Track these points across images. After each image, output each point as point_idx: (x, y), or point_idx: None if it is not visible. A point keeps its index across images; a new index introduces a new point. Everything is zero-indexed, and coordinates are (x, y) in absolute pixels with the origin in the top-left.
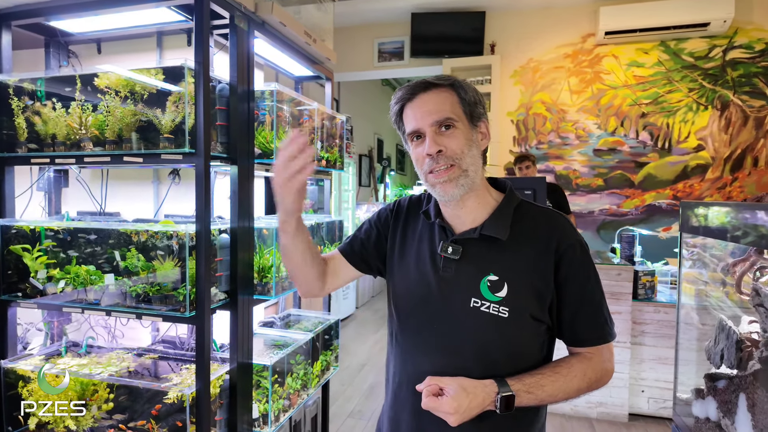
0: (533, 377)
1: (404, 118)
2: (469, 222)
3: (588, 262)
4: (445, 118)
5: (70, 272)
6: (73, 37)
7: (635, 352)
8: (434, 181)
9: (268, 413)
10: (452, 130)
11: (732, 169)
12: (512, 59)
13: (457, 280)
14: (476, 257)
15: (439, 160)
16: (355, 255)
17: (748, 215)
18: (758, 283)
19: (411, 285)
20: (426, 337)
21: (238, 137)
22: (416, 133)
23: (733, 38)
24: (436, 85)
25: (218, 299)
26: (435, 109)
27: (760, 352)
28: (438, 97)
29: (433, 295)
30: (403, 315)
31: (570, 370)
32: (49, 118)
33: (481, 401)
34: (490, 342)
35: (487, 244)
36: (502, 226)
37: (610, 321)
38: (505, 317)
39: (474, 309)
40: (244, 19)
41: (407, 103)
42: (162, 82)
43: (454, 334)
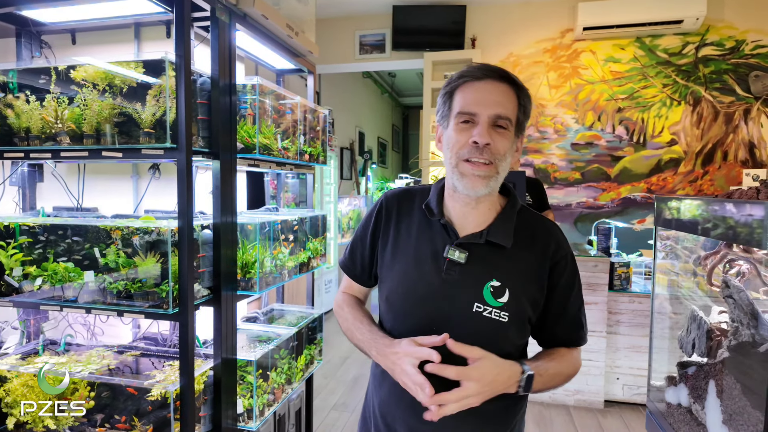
0: (537, 362)
1: (459, 95)
2: (474, 224)
3: (575, 272)
4: (506, 117)
5: (48, 269)
6: (46, 26)
7: (611, 341)
8: (469, 171)
9: (253, 408)
10: (504, 130)
11: (703, 162)
12: (493, 53)
13: (460, 284)
14: (480, 262)
15: (483, 152)
16: (367, 280)
17: (718, 209)
18: (728, 275)
19: (409, 284)
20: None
21: (220, 131)
22: (469, 115)
23: (705, 35)
24: (510, 80)
25: (201, 295)
26: (501, 102)
27: (728, 341)
28: (507, 93)
29: (434, 297)
30: (400, 314)
31: (563, 358)
32: (22, 111)
33: (506, 379)
34: (487, 345)
35: (491, 250)
36: (506, 232)
37: (584, 328)
38: (505, 322)
39: (476, 314)
40: (226, 11)
41: (473, 82)
42: (142, 75)
43: (454, 337)
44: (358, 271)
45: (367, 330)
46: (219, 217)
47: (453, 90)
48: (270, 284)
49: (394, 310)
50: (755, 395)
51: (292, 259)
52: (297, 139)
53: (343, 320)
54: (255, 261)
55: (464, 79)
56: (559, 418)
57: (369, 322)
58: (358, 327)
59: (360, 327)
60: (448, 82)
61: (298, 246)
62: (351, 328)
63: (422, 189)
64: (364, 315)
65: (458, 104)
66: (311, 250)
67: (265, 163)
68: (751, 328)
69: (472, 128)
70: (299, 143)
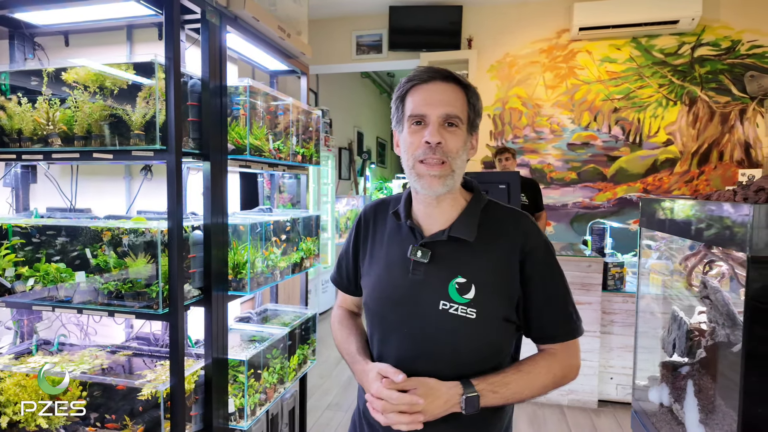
0: (497, 376)
1: (409, 98)
2: (439, 223)
3: (552, 261)
4: (455, 115)
5: (40, 270)
6: (39, 29)
7: (604, 341)
8: (424, 171)
9: (245, 407)
10: (455, 128)
11: (699, 163)
12: (489, 54)
13: (426, 283)
14: (445, 259)
15: (436, 151)
16: (354, 290)
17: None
18: (707, 276)
19: (381, 288)
20: (397, 340)
21: (210, 133)
22: (419, 117)
23: (700, 36)
24: (456, 80)
25: (192, 296)
26: (448, 101)
27: (706, 341)
28: (454, 92)
29: (403, 298)
30: (376, 318)
31: (534, 367)
32: (14, 112)
33: (444, 403)
34: (459, 343)
35: (456, 246)
36: (469, 227)
37: (576, 317)
38: (473, 318)
39: (443, 312)
40: (216, 13)
41: (421, 84)
42: (134, 76)
43: (424, 336)
44: (345, 282)
45: (349, 353)
46: (210, 218)
47: (404, 95)
48: (261, 284)
49: (372, 314)
50: (730, 395)
51: (284, 260)
52: (289, 140)
53: (335, 338)
54: (246, 261)
55: (412, 83)
56: (553, 418)
57: (354, 340)
58: (344, 347)
59: (346, 348)
60: (399, 88)
61: (291, 246)
62: (339, 346)
63: (396, 198)
64: (351, 333)
65: (409, 108)
66: (304, 251)
67: (256, 164)
68: (726, 328)
69: (424, 129)
70: (291, 144)
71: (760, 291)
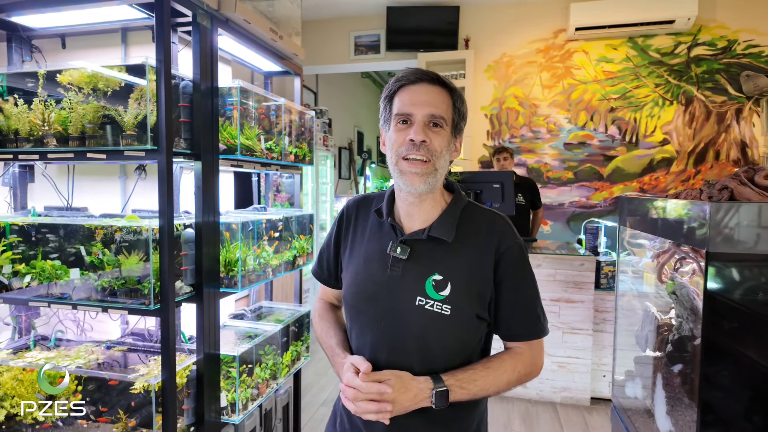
0: (466, 373)
1: (397, 98)
2: (420, 222)
3: (525, 263)
4: (440, 116)
5: (36, 267)
6: (36, 32)
7: (597, 339)
8: (407, 168)
9: (236, 402)
10: (439, 129)
11: (695, 162)
12: (486, 54)
13: (404, 279)
14: (423, 257)
15: (420, 149)
16: (335, 283)
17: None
18: (676, 273)
19: (359, 283)
20: (374, 334)
21: (201, 133)
22: (406, 116)
23: (697, 35)
24: (442, 83)
25: (183, 292)
26: (434, 102)
27: (672, 336)
28: (439, 94)
29: (381, 294)
30: (353, 312)
31: (501, 365)
32: (11, 113)
33: (414, 396)
34: (432, 338)
35: (434, 245)
36: (448, 228)
37: (543, 318)
38: (448, 315)
39: (419, 307)
40: (207, 16)
41: (408, 85)
42: (126, 77)
43: (400, 330)
44: (326, 275)
45: (329, 346)
46: (201, 217)
47: (392, 95)
48: (253, 282)
49: (350, 308)
50: (691, 386)
51: (276, 258)
52: (282, 140)
53: (316, 330)
54: (237, 259)
55: (400, 83)
56: (546, 415)
57: (334, 333)
58: (324, 340)
59: (325, 341)
60: (387, 88)
61: (283, 245)
62: (319, 338)
63: (379, 195)
64: (331, 326)
65: (396, 106)
66: (297, 249)
67: (248, 163)
68: (690, 322)
69: (409, 128)
70: (284, 144)
71: (716, 285)
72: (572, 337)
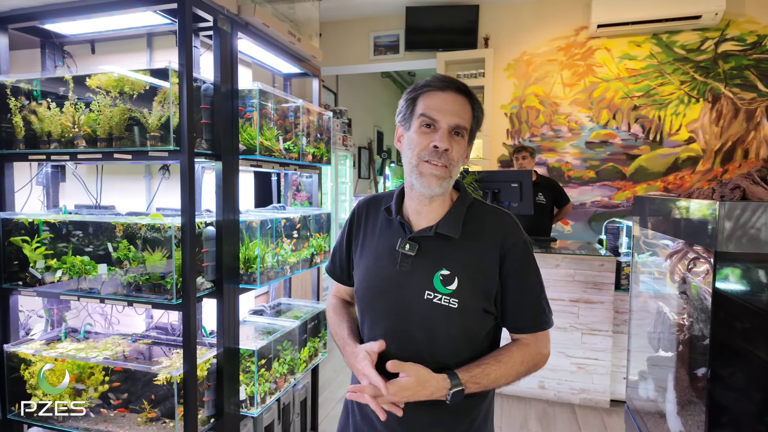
0: (479, 367)
1: (422, 101)
2: (428, 219)
3: (529, 258)
4: (463, 126)
5: (67, 262)
6: (68, 38)
7: (617, 340)
8: (428, 170)
9: (255, 395)
10: (460, 138)
11: (723, 161)
12: (506, 52)
13: (412, 274)
14: (431, 253)
15: (441, 156)
16: (347, 280)
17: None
18: (688, 272)
19: (370, 278)
20: (384, 328)
21: (222, 134)
22: (431, 121)
23: (725, 31)
24: (468, 94)
25: (204, 288)
26: (460, 112)
27: (683, 335)
28: (464, 105)
29: (390, 288)
30: (364, 307)
31: (510, 358)
32: (44, 116)
33: (429, 394)
34: (439, 330)
35: (441, 241)
36: (455, 224)
37: (548, 311)
38: (455, 308)
39: (428, 301)
40: (228, 21)
41: (436, 91)
42: (150, 80)
43: (408, 324)
44: (338, 272)
45: (341, 338)
46: (221, 215)
47: (417, 96)
48: (271, 279)
49: (361, 302)
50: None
51: (294, 255)
52: (300, 140)
53: (329, 324)
54: (256, 256)
55: (428, 88)
56: (563, 416)
57: (347, 326)
58: (336, 332)
59: (338, 332)
60: (413, 89)
61: (301, 242)
62: (332, 332)
63: (388, 194)
64: (344, 319)
65: (421, 108)
66: (315, 247)
67: (267, 163)
68: (700, 322)
69: (434, 133)
70: (302, 144)
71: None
72: (591, 338)
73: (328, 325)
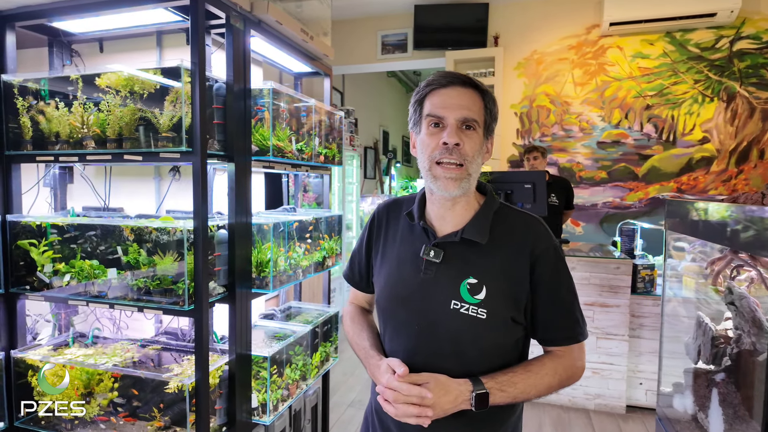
0: (506, 375)
1: (428, 101)
2: (452, 224)
3: (561, 265)
4: (472, 119)
5: (75, 266)
6: (76, 36)
7: (633, 345)
8: (440, 173)
9: (267, 403)
10: (472, 132)
11: (737, 161)
12: (516, 51)
13: (438, 282)
14: (457, 260)
15: (453, 153)
16: (366, 287)
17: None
18: (733, 281)
19: (392, 286)
20: (408, 337)
21: (234, 135)
22: (437, 119)
23: (740, 29)
24: (474, 86)
25: (217, 293)
26: (467, 105)
27: (731, 349)
28: (472, 97)
29: (414, 297)
30: (386, 316)
31: (542, 368)
32: (52, 117)
33: (454, 399)
34: (468, 342)
35: (468, 247)
36: (482, 230)
37: (582, 321)
38: (483, 318)
39: (454, 311)
40: (240, 18)
41: (439, 89)
42: (162, 80)
43: (434, 334)
44: (357, 279)
45: (362, 348)
46: (234, 218)
47: (422, 98)
48: (284, 283)
49: (383, 311)
50: (755, 405)
51: (306, 258)
52: (312, 141)
53: (347, 333)
54: (269, 260)
55: (431, 87)
56: (579, 422)
57: (367, 336)
58: (357, 343)
59: (358, 343)
60: (417, 91)
61: (313, 245)
62: (351, 342)
63: (409, 198)
64: (363, 328)
65: (427, 108)
66: (326, 250)
67: (279, 164)
68: (752, 336)
69: (442, 131)
70: (314, 145)
71: None
72: (607, 343)
73: (346, 333)
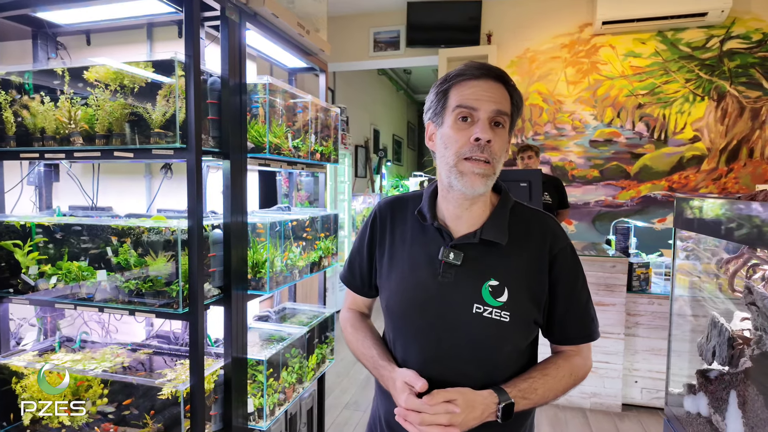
0: (526, 382)
1: (455, 91)
2: (468, 225)
3: (577, 264)
4: (504, 112)
5: (62, 268)
6: (62, 28)
7: (629, 343)
8: (469, 169)
9: (263, 407)
10: (501, 129)
11: (727, 160)
12: (509, 49)
13: (457, 286)
14: (476, 262)
15: (484, 150)
16: (368, 291)
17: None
18: (750, 281)
19: (407, 291)
20: (425, 343)
21: (230, 131)
22: (468, 111)
23: (730, 28)
24: (504, 81)
25: (212, 295)
26: (499, 100)
27: (751, 350)
28: (503, 92)
29: (432, 301)
30: (400, 321)
31: (558, 371)
32: (37, 111)
33: (480, 413)
34: (491, 347)
35: (487, 249)
36: (500, 230)
37: (595, 320)
38: (507, 321)
39: (477, 315)
40: (236, 10)
41: (471, 80)
42: (153, 74)
43: (455, 339)
44: (358, 283)
45: (369, 357)
46: (229, 217)
47: (449, 88)
48: (281, 284)
49: (394, 318)
50: None
51: (303, 259)
52: (308, 138)
53: (349, 342)
54: (265, 261)
55: (462, 77)
56: (575, 421)
57: (372, 343)
58: (362, 352)
59: (364, 352)
60: (444, 80)
61: (309, 245)
62: (355, 351)
63: (414, 195)
64: (367, 335)
65: (456, 100)
66: (323, 250)
67: (275, 162)
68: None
69: (472, 126)
70: (311, 142)
71: None
72: (602, 341)
73: (348, 342)
